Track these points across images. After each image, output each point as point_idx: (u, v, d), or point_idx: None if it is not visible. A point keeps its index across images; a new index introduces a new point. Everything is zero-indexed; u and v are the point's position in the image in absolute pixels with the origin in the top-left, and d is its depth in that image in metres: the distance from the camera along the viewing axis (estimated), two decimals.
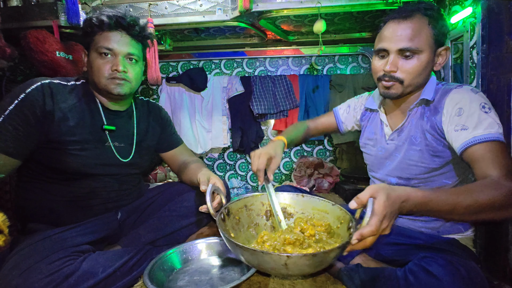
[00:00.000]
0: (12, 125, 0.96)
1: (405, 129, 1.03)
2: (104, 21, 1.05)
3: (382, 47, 0.96)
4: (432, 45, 0.93)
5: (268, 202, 1.00)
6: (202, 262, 1.17)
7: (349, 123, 1.29)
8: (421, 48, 0.91)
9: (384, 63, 0.97)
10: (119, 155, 1.17)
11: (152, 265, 1.04)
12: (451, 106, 0.91)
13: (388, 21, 0.97)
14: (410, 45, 0.91)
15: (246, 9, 1.39)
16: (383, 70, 0.96)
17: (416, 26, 0.91)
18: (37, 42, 1.43)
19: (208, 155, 2.50)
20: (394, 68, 0.94)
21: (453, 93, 0.93)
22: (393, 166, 1.06)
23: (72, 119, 1.06)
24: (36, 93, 1.00)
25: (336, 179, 2.11)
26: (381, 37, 0.98)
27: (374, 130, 1.15)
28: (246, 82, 2.31)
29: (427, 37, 0.92)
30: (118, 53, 1.08)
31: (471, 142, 0.84)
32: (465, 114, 0.87)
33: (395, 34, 0.93)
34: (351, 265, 0.95)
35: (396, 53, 0.94)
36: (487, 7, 1.09)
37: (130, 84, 1.12)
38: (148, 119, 1.30)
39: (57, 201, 1.09)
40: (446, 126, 0.92)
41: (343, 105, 1.32)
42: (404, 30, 0.92)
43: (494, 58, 1.10)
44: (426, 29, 0.92)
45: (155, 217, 1.24)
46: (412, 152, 1.00)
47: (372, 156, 1.15)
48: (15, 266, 0.86)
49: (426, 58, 0.92)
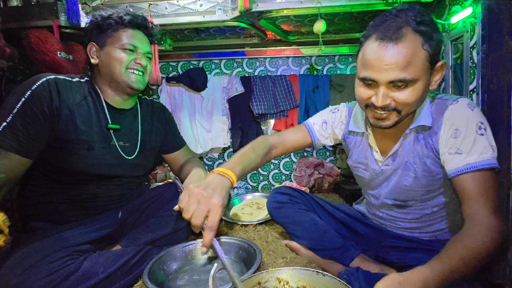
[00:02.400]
0: (22, 123, 0.93)
1: (399, 154, 0.94)
2: (129, 20, 1.11)
3: (368, 76, 0.79)
4: (428, 67, 0.78)
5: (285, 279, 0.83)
6: (202, 262, 1.17)
7: (326, 139, 1.15)
8: (416, 77, 0.76)
9: (371, 93, 0.82)
10: (124, 154, 1.17)
11: (152, 265, 1.04)
12: (448, 126, 0.85)
13: (371, 40, 0.78)
14: (403, 75, 0.75)
15: (246, 9, 1.39)
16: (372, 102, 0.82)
17: (409, 51, 0.74)
18: (38, 42, 1.43)
19: (208, 155, 2.50)
20: (386, 101, 0.80)
21: (450, 111, 0.85)
22: (389, 189, 1.00)
23: (78, 117, 1.05)
24: (42, 89, 0.98)
25: (336, 179, 2.12)
26: (365, 62, 0.80)
27: (364, 155, 1.04)
28: (246, 82, 2.31)
29: (422, 62, 0.76)
30: (141, 50, 1.14)
31: (464, 169, 0.80)
32: (461, 136, 0.82)
33: (383, 63, 0.75)
34: (350, 268, 0.95)
35: (386, 84, 0.78)
36: (487, 7, 1.09)
37: (145, 79, 1.17)
38: (152, 119, 1.30)
39: (59, 203, 1.09)
40: (442, 147, 0.86)
41: (317, 120, 1.14)
42: (395, 56, 0.74)
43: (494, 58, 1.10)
44: (421, 52, 0.75)
45: (155, 217, 1.24)
46: (408, 178, 0.94)
47: (365, 179, 1.07)
48: (16, 265, 0.86)
49: (422, 85, 0.78)
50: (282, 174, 2.47)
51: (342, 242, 1.06)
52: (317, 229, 1.11)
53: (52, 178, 1.06)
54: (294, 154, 2.45)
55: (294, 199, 1.21)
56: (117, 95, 1.15)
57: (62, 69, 1.49)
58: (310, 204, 1.23)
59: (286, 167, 2.46)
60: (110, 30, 1.10)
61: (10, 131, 0.92)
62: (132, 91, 1.14)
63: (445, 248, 0.73)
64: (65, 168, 1.04)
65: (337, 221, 1.19)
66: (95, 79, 1.14)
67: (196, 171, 1.20)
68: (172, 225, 1.21)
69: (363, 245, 1.10)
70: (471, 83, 1.20)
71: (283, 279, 0.84)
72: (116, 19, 1.10)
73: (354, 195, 1.83)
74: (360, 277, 0.88)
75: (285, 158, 2.45)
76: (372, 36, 0.79)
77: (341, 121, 1.11)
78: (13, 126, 0.92)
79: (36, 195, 1.08)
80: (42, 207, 1.08)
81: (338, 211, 1.21)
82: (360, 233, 1.13)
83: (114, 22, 1.10)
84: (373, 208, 1.10)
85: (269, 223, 1.56)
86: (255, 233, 1.46)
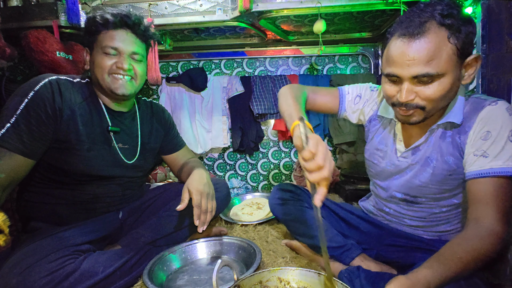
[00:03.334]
0: (26, 124, 0.93)
1: (421, 148, 0.91)
2: (109, 20, 1.04)
3: (391, 72, 0.79)
4: (457, 61, 0.75)
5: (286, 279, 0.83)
6: (202, 262, 1.17)
7: (352, 113, 1.11)
8: (442, 72, 0.74)
9: (397, 89, 0.81)
10: (124, 156, 1.16)
11: (152, 265, 1.04)
12: (479, 126, 0.80)
13: (395, 37, 0.78)
14: (427, 70, 0.73)
15: (246, 9, 1.39)
16: (397, 99, 0.81)
17: (432, 45, 0.72)
18: (37, 42, 1.43)
19: (208, 155, 2.50)
20: (410, 97, 0.78)
21: (486, 112, 0.80)
22: (401, 183, 0.97)
23: (79, 118, 1.05)
24: (45, 90, 0.98)
25: (336, 179, 2.12)
26: (389, 58, 0.79)
27: (386, 142, 1.01)
28: (246, 82, 2.31)
29: (448, 56, 0.73)
30: (123, 51, 1.06)
31: (486, 173, 0.77)
32: (491, 139, 0.78)
33: (406, 58, 0.75)
34: (351, 267, 0.94)
35: (410, 80, 0.77)
36: (487, 7, 1.09)
37: (135, 83, 1.11)
38: (151, 121, 1.30)
39: (60, 204, 1.08)
40: (468, 147, 0.83)
41: (352, 91, 1.10)
42: (417, 52, 0.73)
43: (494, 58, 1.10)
44: (447, 46, 0.73)
45: (155, 217, 1.24)
46: (425, 174, 0.91)
47: (379, 168, 1.04)
48: (16, 265, 0.86)
49: (450, 80, 0.75)
50: (282, 174, 2.47)
51: (343, 241, 1.06)
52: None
53: (52, 178, 1.06)
54: (294, 154, 2.45)
55: (296, 196, 1.21)
56: (111, 100, 1.14)
57: (61, 69, 1.49)
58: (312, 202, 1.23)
59: (286, 167, 2.46)
60: (95, 33, 1.06)
61: (14, 132, 0.92)
62: (117, 96, 1.10)
63: (444, 248, 0.73)
64: (65, 169, 1.04)
65: (339, 218, 1.18)
66: (93, 82, 1.13)
67: (197, 171, 1.19)
68: (172, 225, 1.21)
69: (364, 243, 1.10)
70: (471, 83, 1.20)
71: (284, 279, 0.84)
72: (97, 21, 1.04)
73: (354, 195, 1.83)
74: (361, 276, 0.88)
75: (285, 158, 2.45)
76: (396, 32, 0.78)
77: (375, 102, 1.07)
78: (17, 127, 0.92)
79: (36, 196, 1.07)
80: (42, 208, 1.07)
81: (340, 208, 1.21)
82: (362, 231, 1.12)
83: (97, 24, 1.05)
84: (380, 203, 1.09)
85: (269, 223, 1.56)
86: (255, 233, 1.46)
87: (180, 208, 1.07)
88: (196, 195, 1.08)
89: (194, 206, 1.07)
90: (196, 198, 1.08)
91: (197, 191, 1.09)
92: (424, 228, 1.01)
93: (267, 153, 2.45)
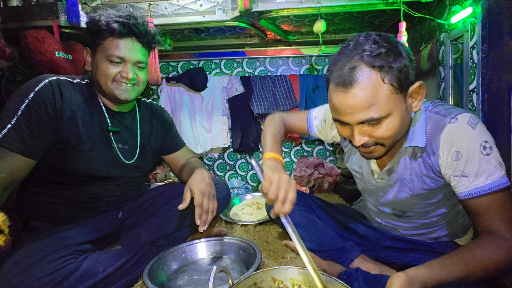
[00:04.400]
0: (27, 125, 0.93)
1: (395, 169, 0.91)
2: (117, 29, 1.02)
3: (338, 119, 0.79)
4: (398, 97, 0.73)
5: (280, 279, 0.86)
6: (202, 262, 1.17)
7: (322, 136, 1.14)
8: (385, 113, 0.72)
9: (349, 132, 0.79)
10: (123, 157, 1.16)
11: (152, 265, 1.04)
12: (447, 148, 0.79)
13: (332, 84, 0.76)
14: (370, 115, 0.72)
15: (246, 9, 1.39)
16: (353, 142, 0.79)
17: (368, 91, 0.71)
18: (36, 42, 1.43)
19: (208, 155, 2.50)
20: (364, 139, 0.77)
21: (448, 131, 0.78)
22: (387, 201, 0.98)
23: (80, 119, 1.05)
24: (46, 90, 0.98)
25: (336, 179, 2.12)
26: (332, 106, 0.78)
27: (360, 164, 1.01)
28: (246, 82, 2.31)
29: (387, 96, 0.71)
30: (128, 61, 1.06)
31: (473, 193, 0.76)
32: (463, 158, 0.76)
33: (346, 107, 0.73)
34: (350, 269, 0.94)
35: (357, 125, 0.76)
36: (487, 7, 1.09)
37: (138, 89, 1.12)
38: (151, 122, 1.30)
39: (60, 204, 1.08)
40: (443, 169, 0.81)
41: (319, 114, 1.12)
42: (355, 100, 0.72)
43: (494, 58, 1.10)
44: (383, 88, 0.71)
45: (155, 217, 1.24)
46: (404, 194, 0.91)
47: (362, 186, 1.06)
48: (16, 264, 0.86)
49: (397, 116, 0.74)
50: None
51: (341, 243, 1.06)
52: (316, 230, 1.11)
53: (52, 178, 1.06)
54: (294, 154, 2.45)
55: None
56: (112, 102, 1.14)
57: (60, 69, 1.49)
58: (309, 205, 1.23)
59: (286, 167, 2.46)
60: (99, 37, 1.04)
61: (16, 132, 0.92)
62: (120, 101, 1.11)
63: (453, 252, 0.73)
64: (65, 169, 1.04)
65: (337, 222, 1.18)
66: (94, 83, 1.13)
67: (199, 171, 1.19)
68: (173, 225, 1.22)
69: (363, 246, 1.10)
70: (471, 83, 1.20)
71: (278, 279, 0.86)
72: (103, 27, 1.02)
73: (354, 195, 1.83)
74: (359, 277, 0.88)
75: (285, 158, 2.45)
76: (331, 80, 0.77)
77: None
78: (18, 128, 0.93)
79: (36, 196, 1.07)
80: (42, 208, 1.08)
81: (337, 212, 1.21)
82: (360, 234, 1.13)
83: (102, 30, 1.03)
84: (373, 214, 1.10)
85: (269, 223, 1.56)
86: (255, 233, 1.46)
87: (181, 207, 1.07)
88: (198, 194, 1.08)
89: (196, 206, 1.07)
90: (198, 198, 1.08)
91: (199, 190, 1.09)
92: (419, 236, 1.01)
93: None
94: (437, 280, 0.68)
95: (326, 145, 2.41)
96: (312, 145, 2.43)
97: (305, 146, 2.44)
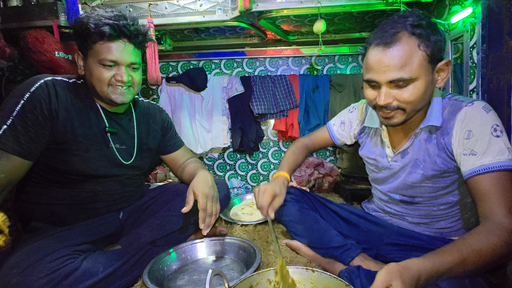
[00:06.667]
0: (22, 126, 0.93)
1: (409, 151, 0.97)
2: (107, 32, 0.98)
3: (370, 78, 0.86)
4: (428, 66, 0.82)
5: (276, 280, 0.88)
6: (202, 262, 1.17)
7: (345, 139, 1.22)
8: (414, 76, 0.81)
9: (377, 94, 0.87)
10: (121, 157, 1.15)
11: (152, 265, 1.04)
12: (460, 127, 0.85)
13: (371, 46, 0.85)
14: (401, 75, 0.80)
15: (246, 9, 1.39)
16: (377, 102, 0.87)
17: (404, 53, 0.80)
18: (35, 42, 1.43)
19: (208, 155, 2.50)
20: (389, 100, 0.84)
21: (463, 112, 0.85)
22: (396, 185, 1.02)
23: (76, 119, 1.04)
24: (41, 91, 0.97)
25: (336, 179, 2.11)
26: (367, 65, 0.87)
27: (373, 150, 1.08)
28: (246, 82, 2.31)
29: (419, 61, 0.80)
30: (122, 63, 1.03)
31: (478, 170, 0.80)
32: (474, 137, 0.82)
33: (381, 65, 0.82)
34: (351, 267, 0.94)
35: (387, 84, 0.84)
36: (487, 7, 1.09)
37: (133, 90, 1.10)
38: (148, 122, 1.29)
39: (59, 205, 1.08)
40: (455, 148, 0.87)
41: (336, 121, 1.23)
42: (391, 58, 0.80)
43: (494, 58, 1.10)
44: (417, 53, 0.80)
45: (155, 217, 1.24)
46: (416, 175, 0.96)
47: (373, 172, 1.12)
48: (16, 264, 0.86)
49: (423, 83, 0.82)
50: None
51: (342, 241, 1.06)
52: (317, 228, 1.11)
53: (49, 178, 1.06)
54: None
55: (295, 197, 1.21)
56: (107, 105, 1.13)
57: (60, 69, 1.49)
58: (312, 202, 1.23)
59: None
60: (89, 41, 1.01)
61: (11, 133, 0.92)
62: (117, 104, 1.09)
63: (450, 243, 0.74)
64: (62, 169, 1.04)
65: (340, 218, 1.19)
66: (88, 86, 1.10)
67: (202, 173, 1.18)
68: (173, 225, 1.21)
69: (365, 243, 1.10)
70: (471, 83, 1.20)
71: (273, 280, 0.86)
72: (93, 30, 0.98)
73: (354, 195, 1.83)
74: (361, 275, 0.88)
75: None
76: (373, 42, 0.85)
77: (358, 119, 1.16)
78: (13, 129, 0.92)
79: (33, 197, 1.07)
80: (40, 209, 1.07)
81: (340, 208, 1.22)
82: (362, 230, 1.13)
83: (91, 33, 0.99)
84: (382, 204, 1.13)
85: None
86: (255, 233, 1.46)
87: (185, 210, 1.06)
88: (202, 198, 1.07)
89: (200, 210, 1.06)
90: (202, 201, 1.07)
91: (203, 194, 1.08)
92: (425, 225, 1.03)
93: (267, 153, 2.45)
94: (431, 269, 0.67)
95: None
96: None
97: None
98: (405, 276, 0.64)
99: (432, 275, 0.67)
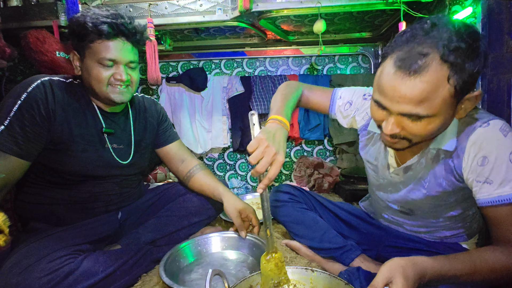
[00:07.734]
0: (20, 126, 0.93)
1: (413, 168, 0.88)
2: (105, 31, 0.98)
3: (379, 101, 0.72)
4: (452, 101, 0.67)
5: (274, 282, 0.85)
6: (216, 256, 1.17)
7: (342, 119, 1.08)
8: (433, 113, 0.66)
9: (384, 115, 0.74)
10: (118, 157, 1.15)
11: (168, 257, 1.05)
12: (473, 151, 0.75)
13: (390, 62, 0.68)
14: (417, 111, 0.66)
15: (246, 9, 1.39)
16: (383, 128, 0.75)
17: (428, 86, 0.63)
18: (37, 42, 1.43)
19: (208, 155, 2.50)
20: (396, 130, 0.72)
21: (478, 135, 0.74)
22: (396, 198, 0.96)
23: (73, 119, 1.04)
24: (38, 91, 0.97)
25: (336, 179, 2.11)
26: (380, 84, 0.71)
27: (376, 155, 0.98)
28: (246, 82, 2.31)
29: (443, 98, 0.65)
30: (121, 62, 1.03)
31: (496, 201, 0.73)
32: (490, 165, 0.72)
33: (397, 94, 0.66)
34: (351, 268, 0.94)
35: (398, 114, 0.70)
36: (487, 7, 1.09)
37: (131, 89, 1.10)
38: (144, 116, 1.27)
39: (57, 205, 1.08)
40: (466, 173, 0.77)
41: (345, 95, 1.05)
42: (410, 90, 0.64)
43: (494, 58, 1.10)
44: (444, 87, 0.64)
45: (155, 217, 1.23)
46: (418, 193, 0.89)
47: (373, 178, 1.04)
48: (16, 264, 0.86)
49: (441, 120, 0.69)
50: (282, 174, 2.47)
51: (342, 242, 1.06)
52: (317, 228, 1.11)
53: (47, 179, 1.05)
54: (294, 154, 2.45)
55: (295, 198, 1.21)
56: (105, 105, 1.12)
57: (61, 69, 1.49)
58: (311, 203, 1.23)
59: (286, 167, 2.46)
60: (86, 40, 0.99)
61: (9, 134, 0.91)
62: (115, 104, 1.09)
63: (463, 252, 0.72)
64: (59, 170, 1.04)
65: (339, 219, 1.18)
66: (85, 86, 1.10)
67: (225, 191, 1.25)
68: (173, 225, 1.21)
69: (365, 244, 1.10)
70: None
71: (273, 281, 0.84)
72: (90, 29, 0.97)
73: (354, 195, 1.83)
74: (361, 276, 0.88)
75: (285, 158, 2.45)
76: (393, 56, 0.68)
77: (366, 112, 1.01)
78: (11, 129, 0.92)
79: (31, 197, 1.07)
80: (38, 209, 1.07)
81: (340, 209, 1.21)
82: (363, 232, 1.12)
83: (89, 32, 0.98)
84: (378, 210, 1.10)
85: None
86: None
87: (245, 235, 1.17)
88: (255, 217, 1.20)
89: (256, 225, 1.19)
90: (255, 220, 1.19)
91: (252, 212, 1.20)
92: (425, 233, 1.01)
93: None
94: (438, 270, 0.65)
95: (326, 145, 2.41)
96: (312, 145, 2.43)
97: (305, 146, 2.44)
98: (409, 271, 0.62)
99: (437, 277, 0.66)
